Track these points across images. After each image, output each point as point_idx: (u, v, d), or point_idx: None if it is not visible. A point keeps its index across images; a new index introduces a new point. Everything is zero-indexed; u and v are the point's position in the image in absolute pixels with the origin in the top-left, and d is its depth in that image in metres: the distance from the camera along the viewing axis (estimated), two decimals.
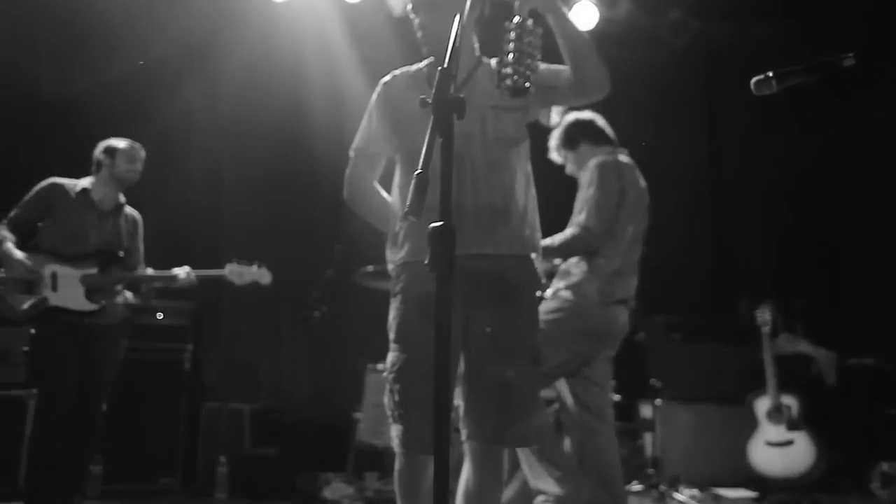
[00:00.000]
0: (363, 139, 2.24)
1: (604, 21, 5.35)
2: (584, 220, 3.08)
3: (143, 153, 3.50)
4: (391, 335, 2.10)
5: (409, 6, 2.14)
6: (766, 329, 4.47)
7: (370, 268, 4.05)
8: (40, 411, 3.29)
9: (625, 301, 3.21)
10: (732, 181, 5.98)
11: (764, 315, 4.50)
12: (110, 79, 4.86)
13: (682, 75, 5.86)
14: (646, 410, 4.87)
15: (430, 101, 1.36)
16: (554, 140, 3.39)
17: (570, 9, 5.25)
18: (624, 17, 5.45)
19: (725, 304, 5.19)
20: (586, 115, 3.37)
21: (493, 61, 1.93)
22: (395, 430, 2.02)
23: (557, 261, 3.25)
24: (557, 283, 3.18)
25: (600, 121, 3.39)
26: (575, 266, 3.15)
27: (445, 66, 1.37)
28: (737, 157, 5.93)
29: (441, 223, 1.27)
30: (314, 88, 5.15)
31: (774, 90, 1.51)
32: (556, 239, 3.05)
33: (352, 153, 2.26)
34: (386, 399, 2.05)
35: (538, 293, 2.17)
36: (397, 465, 2.03)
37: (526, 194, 2.13)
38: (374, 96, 2.22)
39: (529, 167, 2.19)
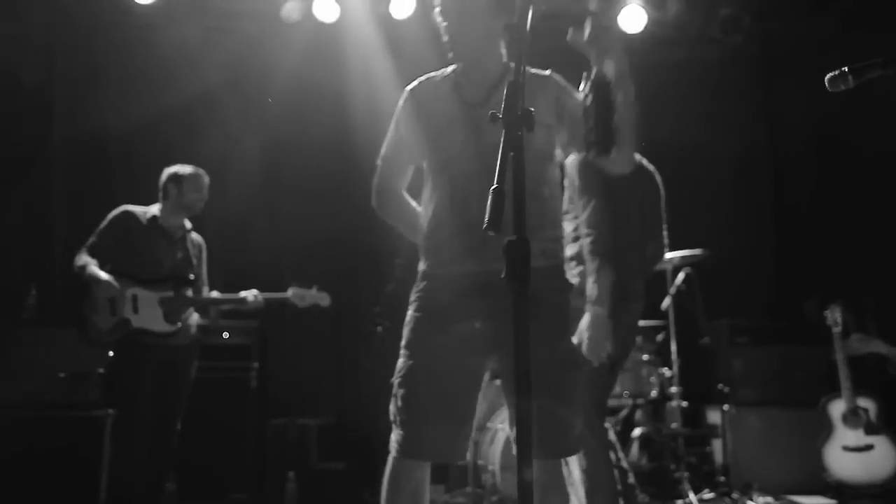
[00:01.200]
0: (390, 147, 2.23)
1: (653, 23, 5.30)
2: (589, 229, 3.00)
3: (207, 180, 3.60)
4: (402, 341, 2.08)
5: (437, 10, 2.11)
6: (836, 329, 4.33)
7: None
8: (119, 431, 3.41)
9: (624, 294, 3.10)
10: (793, 179, 5.82)
11: (834, 315, 4.35)
12: (168, 108, 5.03)
13: (736, 73, 5.75)
14: (714, 416, 4.76)
15: (500, 116, 1.35)
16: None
17: (618, 13, 5.22)
18: (673, 17, 5.38)
19: (791, 306, 5.05)
20: None
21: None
22: (394, 435, 1.99)
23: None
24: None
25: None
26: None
27: (513, 79, 1.37)
28: (796, 155, 5.78)
29: (516, 236, 1.27)
30: (360, 105, 5.22)
31: (851, 86, 1.47)
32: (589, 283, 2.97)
33: (379, 161, 2.24)
34: (391, 405, 2.03)
35: (564, 299, 2.10)
36: (388, 469, 1.98)
37: (554, 207, 2.14)
38: (401, 102, 2.20)
39: (557, 180, 2.17)
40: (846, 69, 1.47)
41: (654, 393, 4.50)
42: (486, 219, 1.25)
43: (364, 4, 5.14)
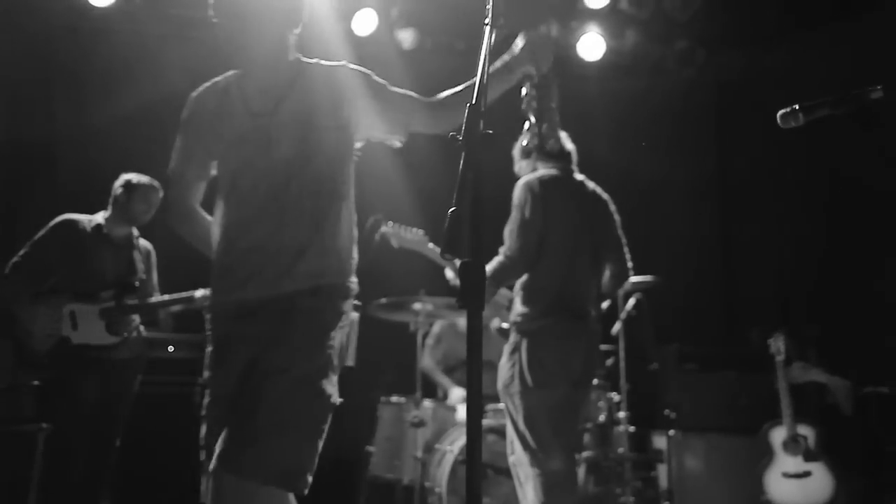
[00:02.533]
0: (177, 161, 2.08)
1: (611, 51, 5.41)
2: (506, 247, 3.07)
3: (160, 195, 3.51)
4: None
5: (211, 12, 1.96)
6: (779, 358, 4.43)
7: (383, 300, 4.04)
8: (53, 446, 3.27)
9: (578, 314, 3.13)
10: (742, 209, 5.99)
11: (777, 343, 4.46)
12: (123, 114, 4.92)
13: (691, 104, 5.90)
14: (659, 441, 4.82)
15: (460, 138, 1.35)
16: (514, 150, 3.39)
17: (576, 41, 5.32)
18: (631, 47, 5.51)
19: (739, 333, 5.16)
20: None
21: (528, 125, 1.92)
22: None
23: (503, 290, 3.24)
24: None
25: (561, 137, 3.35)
26: (515, 293, 3.15)
27: (473, 102, 1.36)
28: (746, 185, 5.94)
29: (470, 259, 1.26)
30: None
31: (801, 123, 1.51)
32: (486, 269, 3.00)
33: (169, 174, 2.11)
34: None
35: (331, 317, 1.95)
36: (203, 488, 1.87)
37: (337, 221, 1.97)
38: (185, 112, 2.06)
39: (351, 191, 2.03)
40: (797, 107, 1.51)
41: (601, 417, 4.53)
42: (443, 243, 1.23)
43: (326, 20, 5.12)
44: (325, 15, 5.07)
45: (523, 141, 3.28)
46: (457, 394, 4.47)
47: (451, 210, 1.26)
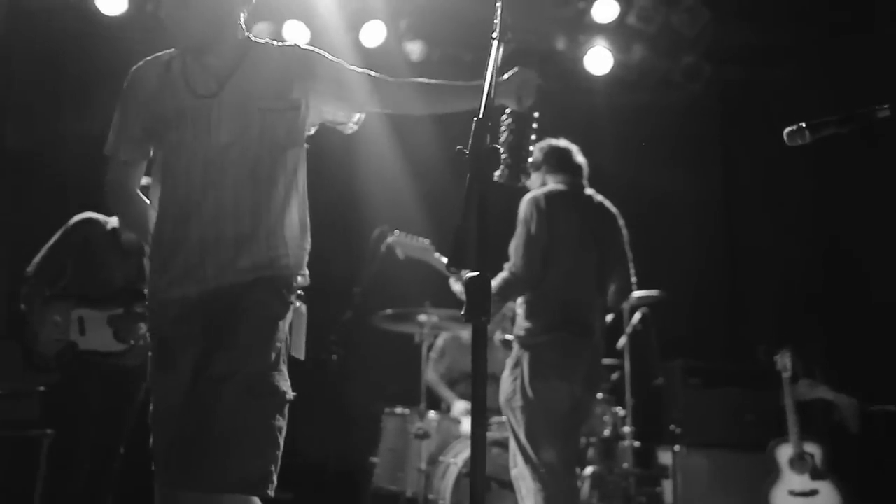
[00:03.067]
0: (113, 138, 1.97)
1: (618, 66, 5.43)
2: (511, 263, 3.07)
3: None
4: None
5: None
6: (786, 375, 4.40)
7: (389, 311, 4.05)
8: (57, 452, 3.28)
9: (582, 330, 3.13)
10: (748, 224, 5.97)
11: (784, 360, 4.43)
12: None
13: (697, 119, 5.90)
14: (665, 457, 4.79)
15: (466, 151, 1.35)
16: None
17: (584, 55, 5.33)
18: (638, 61, 5.52)
19: (745, 349, 5.13)
20: (561, 143, 3.35)
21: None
22: None
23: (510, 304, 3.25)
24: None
25: (570, 151, 3.34)
26: (518, 307, 3.15)
27: (480, 116, 1.36)
28: (752, 200, 5.93)
29: (477, 274, 1.26)
30: (328, 134, 5.19)
31: (808, 141, 1.51)
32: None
33: (105, 153, 1.98)
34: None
35: (278, 310, 1.87)
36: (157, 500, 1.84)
37: (283, 210, 1.88)
38: (124, 86, 1.95)
39: (301, 177, 1.95)
40: (803, 125, 1.51)
41: (606, 432, 4.51)
42: (449, 257, 1.23)
43: (335, 30, 5.15)
44: (333, 26, 5.10)
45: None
46: (460, 406, 4.46)
47: (457, 223, 1.26)
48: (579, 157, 3.34)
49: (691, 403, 4.87)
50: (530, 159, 1.89)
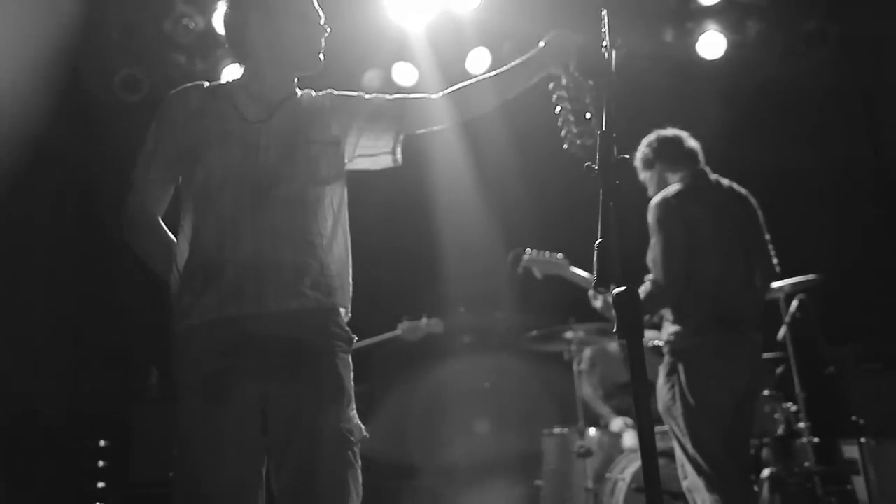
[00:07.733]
0: (144, 162, 1.91)
1: (733, 46, 5.19)
2: (654, 274, 2.95)
3: None
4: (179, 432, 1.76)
5: (223, 14, 1.95)
6: None
7: (534, 332, 4.04)
8: None
9: (736, 326, 2.97)
10: None
11: None
12: None
13: (830, 87, 5.52)
14: (850, 451, 4.44)
15: (595, 167, 1.33)
16: (636, 161, 3.26)
17: (695, 42, 5.15)
18: (754, 38, 5.25)
19: None
20: (668, 132, 3.21)
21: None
22: None
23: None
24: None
25: (681, 138, 3.20)
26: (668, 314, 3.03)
27: (604, 128, 1.35)
28: None
29: (626, 287, 1.24)
30: (441, 170, 5.23)
31: None
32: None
33: (133, 181, 1.92)
34: None
35: (346, 344, 1.84)
36: None
37: (331, 242, 1.87)
38: (161, 109, 1.91)
39: (344, 212, 1.93)
40: None
41: (780, 430, 4.25)
42: (596, 277, 1.22)
43: (441, 66, 5.27)
44: (438, 60, 5.20)
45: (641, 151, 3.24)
46: (618, 423, 4.35)
47: (597, 242, 1.25)
48: (691, 142, 3.21)
49: (871, 390, 4.51)
50: (594, 121, 1.83)
